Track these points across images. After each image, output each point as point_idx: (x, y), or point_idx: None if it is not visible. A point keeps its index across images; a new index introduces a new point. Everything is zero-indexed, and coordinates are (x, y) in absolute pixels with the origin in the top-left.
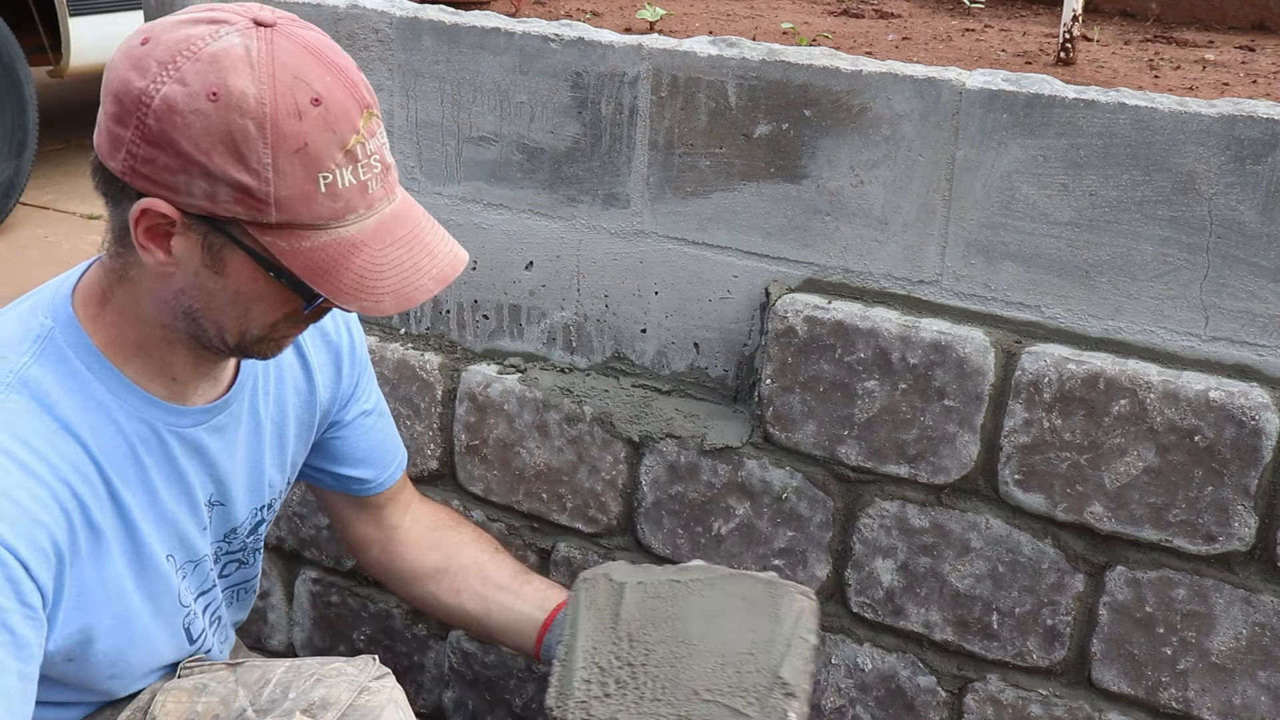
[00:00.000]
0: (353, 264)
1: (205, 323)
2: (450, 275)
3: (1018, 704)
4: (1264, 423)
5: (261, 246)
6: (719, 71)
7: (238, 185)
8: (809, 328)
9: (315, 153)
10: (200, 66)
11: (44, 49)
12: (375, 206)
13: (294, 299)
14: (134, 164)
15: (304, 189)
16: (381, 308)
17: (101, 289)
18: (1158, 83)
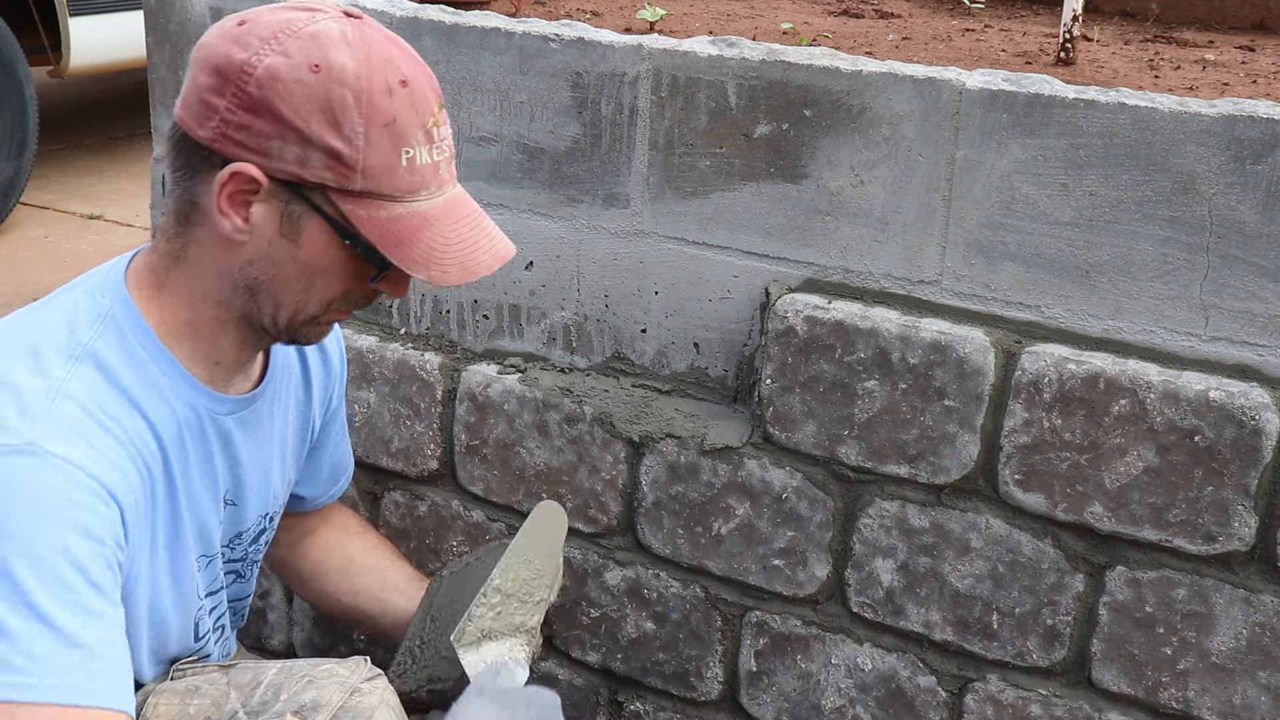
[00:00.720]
0: (424, 236)
1: (264, 298)
2: (506, 256)
3: (1018, 704)
4: (1264, 423)
5: (341, 214)
6: (719, 71)
7: (330, 151)
8: (809, 328)
9: (401, 129)
10: (302, 43)
11: (44, 49)
12: (444, 187)
13: (360, 272)
14: (226, 130)
15: (388, 160)
16: (447, 278)
17: (155, 272)
18: (1158, 83)
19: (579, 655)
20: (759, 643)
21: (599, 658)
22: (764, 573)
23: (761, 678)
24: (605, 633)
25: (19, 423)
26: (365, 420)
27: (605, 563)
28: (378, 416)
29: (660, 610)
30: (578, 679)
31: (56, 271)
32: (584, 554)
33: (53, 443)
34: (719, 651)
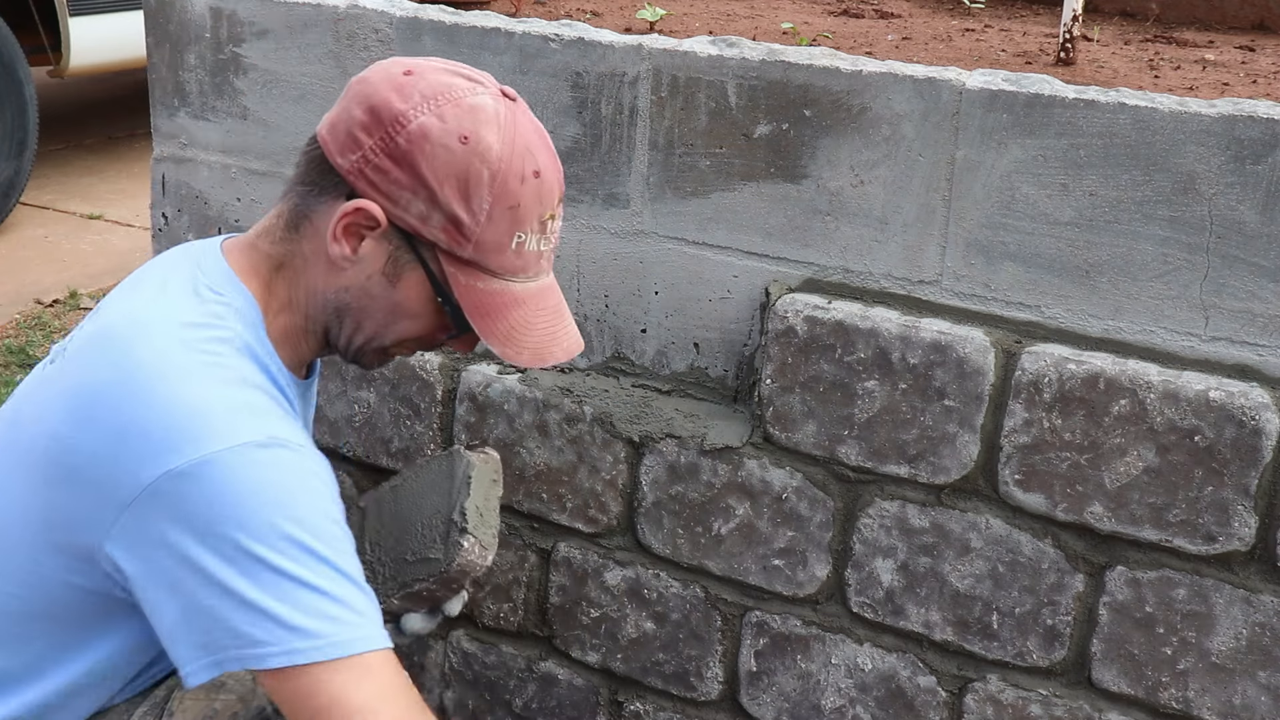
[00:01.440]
0: (510, 315)
1: (348, 322)
2: (575, 351)
3: (1018, 704)
4: (1264, 423)
5: (443, 274)
6: (719, 71)
7: (453, 217)
8: (809, 328)
9: (522, 215)
10: (460, 111)
11: (44, 49)
12: (540, 275)
13: (441, 325)
14: (364, 168)
15: (501, 240)
16: (520, 359)
17: (260, 274)
18: (1158, 83)
19: (579, 655)
20: (759, 643)
21: (599, 658)
22: (764, 573)
23: (761, 678)
24: (605, 633)
25: (248, 418)
26: (365, 420)
27: (605, 563)
28: (378, 416)
29: (660, 610)
30: (578, 679)
31: (56, 271)
32: (584, 554)
33: (283, 432)
34: (719, 651)
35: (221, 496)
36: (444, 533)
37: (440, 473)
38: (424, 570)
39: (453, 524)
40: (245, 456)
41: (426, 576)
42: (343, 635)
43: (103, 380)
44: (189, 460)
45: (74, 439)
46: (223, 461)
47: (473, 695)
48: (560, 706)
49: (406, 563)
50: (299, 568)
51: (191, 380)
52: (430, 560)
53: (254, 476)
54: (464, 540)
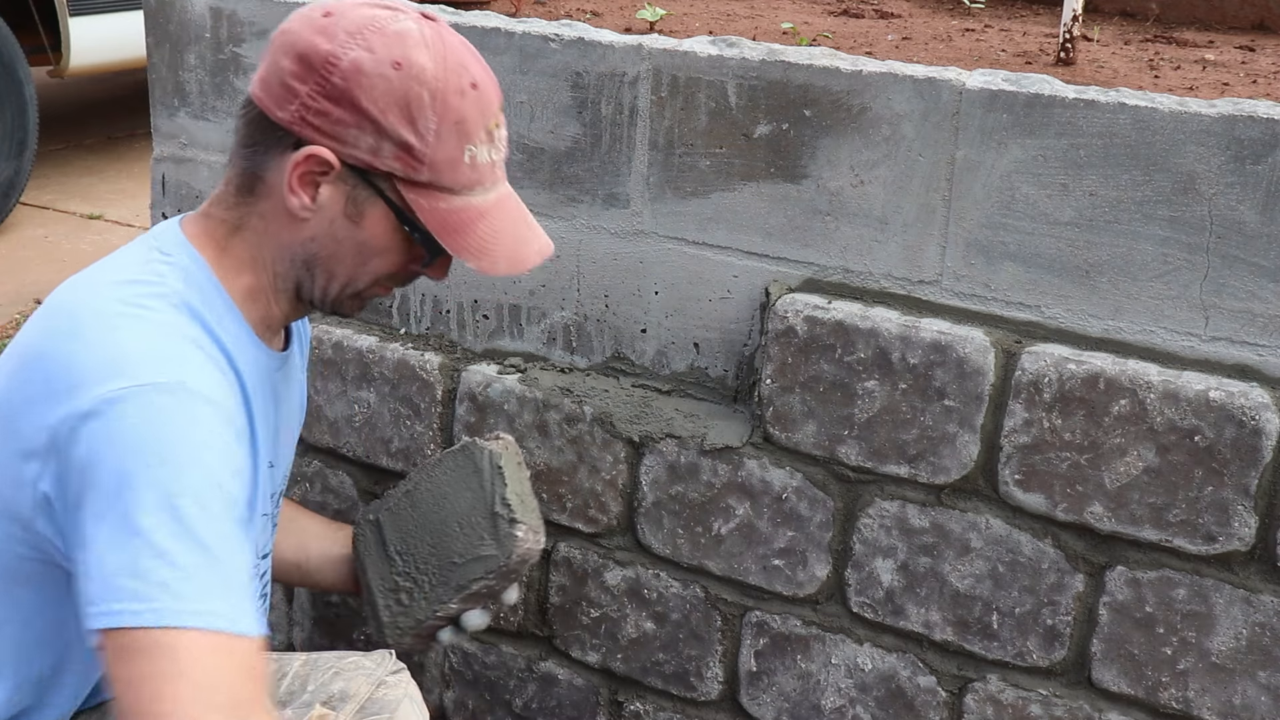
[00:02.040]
0: (478, 228)
1: (319, 272)
2: (548, 252)
3: (1018, 704)
4: (1264, 423)
5: (404, 202)
6: (719, 71)
7: (402, 143)
8: (809, 328)
9: (469, 128)
10: (387, 40)
11: (44, 49)
12: (498, 185)
13: (413, 255)
14: (306, 114)
15: (453, 156)
16: (497, 268)
17: (214, 237)
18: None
19: (579, 655)
20: (759, 643)
21: (599, 658)
22: (764, 573)
23: (761, 678)
24: (605, 633)
25: (157, 361)
26: (365, 420)
27: (605, 563)
28: (378, 416)
29: (660, 610)
30: (578, 679)
31: (56, 271)
32: (584, 554)
33: (196, 381)
34: (719, 651)
35: (109, 438)
36: (490, 527)
37: (460, 469)
38: (480, 568)
39: (498, 516)
40: (143, 398)
41: (485, 574)
42: (163, 605)
43: (35, 337)
44: (93, 399)
45: (8, 395)
46: (120, 400)
47: (473, 695)
48: (560, 706)
49: (456, 565)
50: (151, 524)
51: (113, 327)
52: (485, 557)
53: (143, 420)
54: (516, 530)
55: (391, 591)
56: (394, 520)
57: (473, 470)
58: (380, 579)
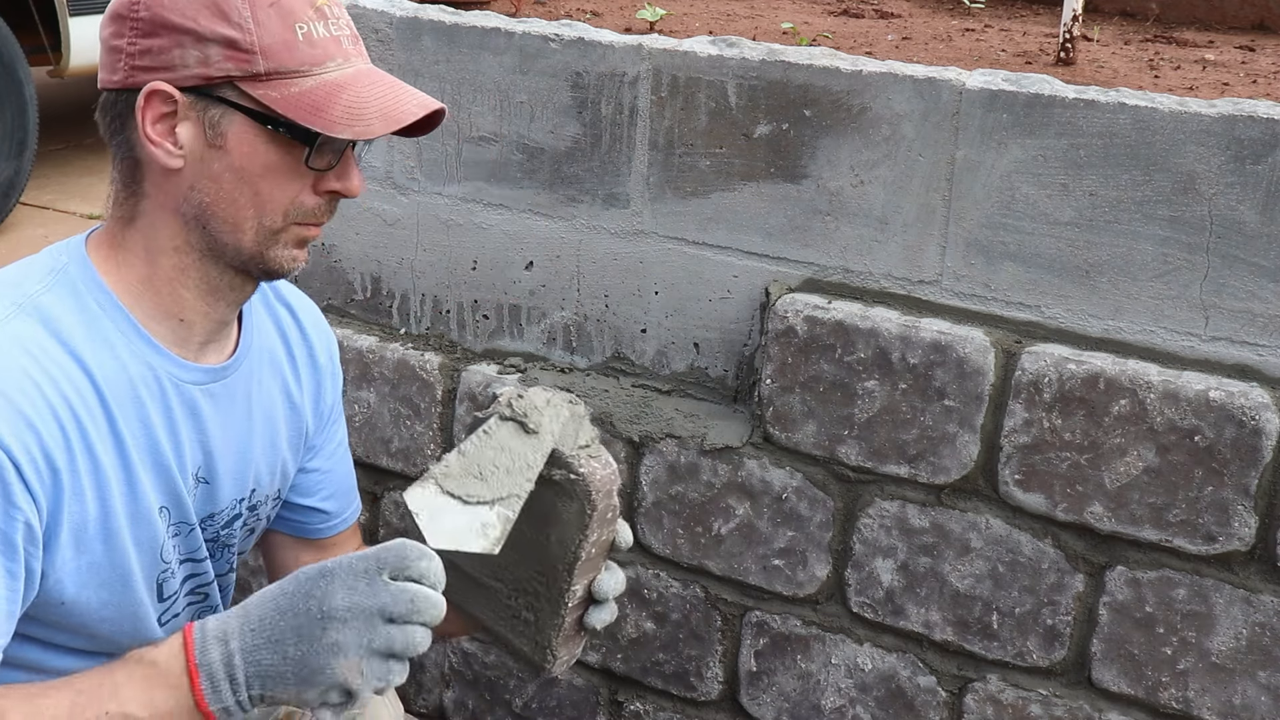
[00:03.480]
0: (339, 99)
1: (217, 224)
2: (431, 105)
3: (1018, 704)
4: (1264, 423)
5: (255, 101)
6: (719, 71)
7: (225, 40)
8: (809, 328)
9: (288, 6)
10: None
11: (44, 49)
12: (352, 60)
13: (295, 165)
14: (133, 63)
15: (284, 37)
16: (371, 129)
17: (111, 234)
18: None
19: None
20: (759, 643)
21: (599, 658)
22: (764, 573)
23: (761, 678)
24: (605, 633)
25: None
26: (365, 420)
27: (605, 563)
28: (378, 416)
29: (660, 610)
30: (578, 679)
31: None
32: None
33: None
34: (719, 651)
35: None
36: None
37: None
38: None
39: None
40: None
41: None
42: None
43: None
44: None
45: None
46: None
47: (473, 695)
48: (560, 706)
49: (548, 545)
50: None
51: None
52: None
53: None
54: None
55: (514, 618)
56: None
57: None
58: (495, 614)
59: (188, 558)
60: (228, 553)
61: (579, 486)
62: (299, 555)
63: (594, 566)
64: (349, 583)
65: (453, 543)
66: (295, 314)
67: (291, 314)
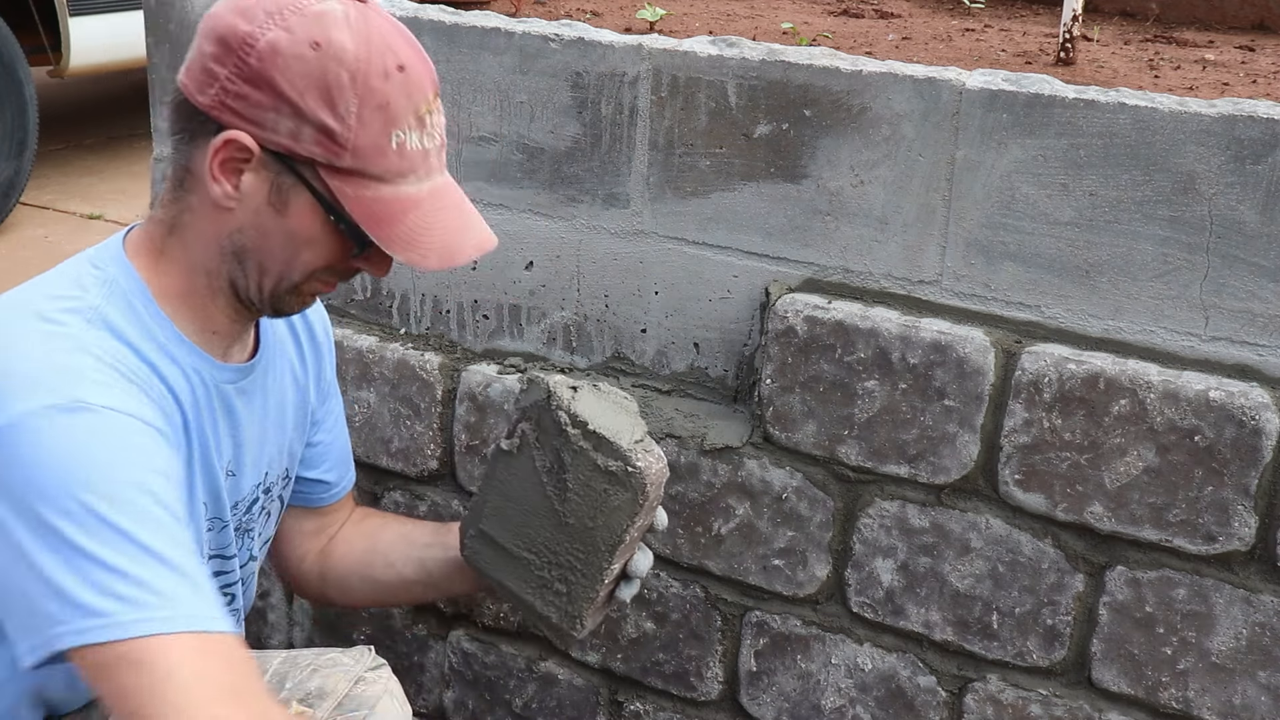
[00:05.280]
0: (407, 218)
1: (250, 265)
2: (487, 246)
3: (1018, 704)
4: (1264, 423)
5: (328, 189)
6: (719, 71)
7: (323, 127)
8: (809, 328)
9: (394, 112)
10: (306, 20)
11: (44, 49)
12: (432, 174)
13: (344, 246)
14: (225, 98)
15: (378, 142)
16: (427, 262)
17: (153, 241)
18: (1158, 83)
19: (579, 655)
20: (759, 643)
21: (599, 658)
22: (764, 573)
23: (761, 678)
24: (605, 633)
25: (58, 382)
26: (365, 420)
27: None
28: (378, 416)
29: (660, 610)
30: (578, 679)
31: None
32: None
33: (98, 396)
34: (719, 651)
35: (20, 463)
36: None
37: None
38: (622, 518)
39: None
40: (47, 420)
41: (630, 519)
42: (132, 615)
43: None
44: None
45: None
46: (23, 425)
47: (473, 695)
48: (560, 706)
49: (593, 529)
50: (92, 541)
51: (16, 345)
52: (618, 507)
53: (53, 441)
54: (637, 464)
55: (544, 588)
56: (500, 524)
57: (556, 432)
58: (524, 583)
59: (216, 553)
60: (249, 539)
61: (635, 479)
62: (300, 523)
63: (631, 547)
64: None
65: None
66: None
67: None
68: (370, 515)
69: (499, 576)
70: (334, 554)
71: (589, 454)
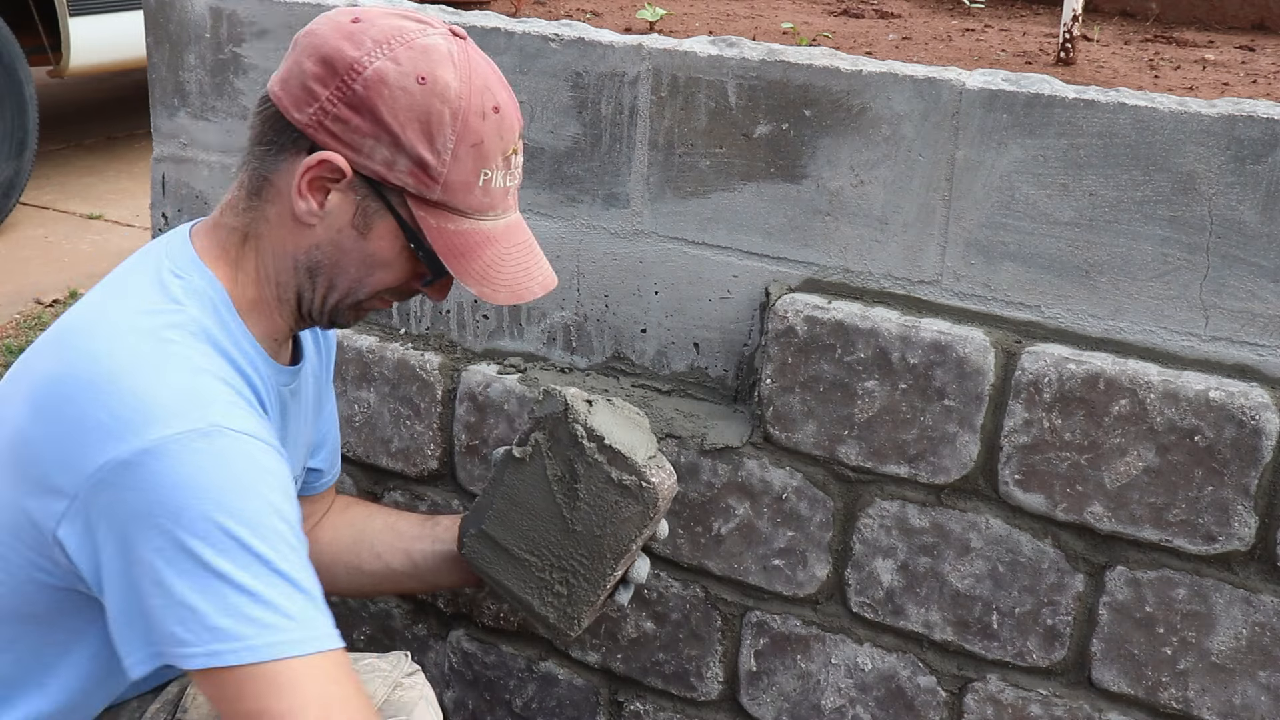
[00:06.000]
0: (484, 253)
1: (321, 280)
2: (550, 285)
3: (1018, 704)
4: (1264, 423)
5: (413, 219)
6: (719, 71)
7: (418, 160)
8: (809, 328)
9: (486, 151)
10: (413, 53)
11: (44, 49)
12: (509, 212)
13: (418, 272)
14: (324, 119)
15: (468, 179)
16: (498, 297)
17: (226, 249)
18: (1158, 83)
19: (579, 655)
20: (759, 643)
21: (599, 658)
22: (764, 573)
23: (761, 678)
24: (605, 633)
25: (190, 406)
26: (365, 420)
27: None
28: (378, 416)
29: (660, 610)
30: (578, 679)
31: (56, 271)
32: None
33: (230, 419)
34: (719, 651)
35: (160, 486)
36: (620, 491)
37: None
38: (631, 529)
39: (622, 484)
40: (186, 445)
41: (638, 531)
42: (265, 639)
43: (58, 373)
44: (131, 449)
45: (30, 431)
46: (163, 450)
47: (473, 695)
48: (560, 706)
49: (601, 537)
50: (228, 564)
51: (139, 368)
52: (629, 519)
53: (192, 466)
54: (650, 479)
55: (544, 589)
56: (504, 526)
57: (571, 444)
58: (523, 583)
59: None
60: None
61: (648, 494)
62: None
63: (634, 555)
64: None
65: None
66: None
67: None
68: (354, 504)
69: (497, 575)
70: (320, 541)
71: (603, 467)
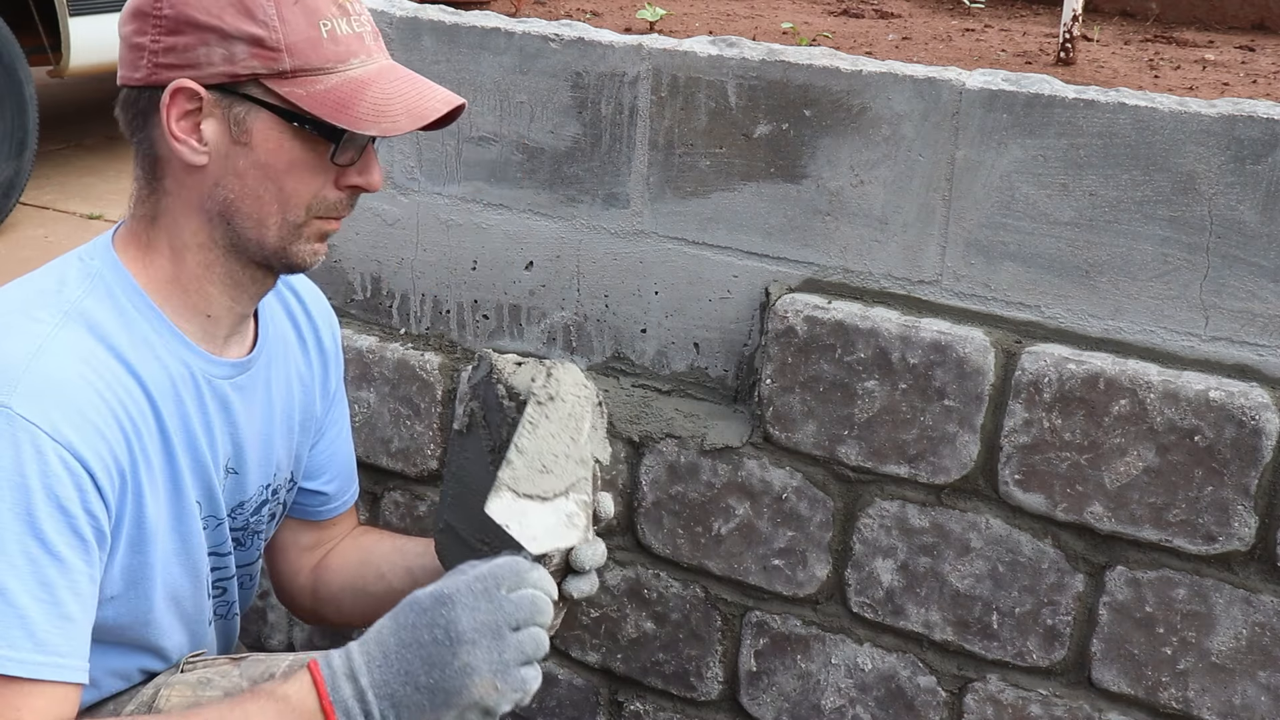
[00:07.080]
0: (365, 96)
1: (241, 219)
2: (454, 101)
3: (1018, 704)
4: (1264, 423)
5: (281, 99)
6: (719, 71)
7: (251, 38)
8: (809, 328)
9: (312, 3)
10: None
11: (44, 49)
12: (375, 57)
13: (320, 161)
14: (156, 60)
15: (309, 34)
16: (398, 126)
17: (137, 234)
18: (1158, 83)
19: (579, 655)
20: (759, 643)
21: (599, 658)
22: (764, 573)
23: (761, 678)
24: (605, 633)
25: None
26: (365, 420)
27: (605, 563)
28: (378, 416)
29: (660, 610)
30: (578, 679)
31: None
32: None
33: (26, 405)
34: (719, 651)
35: None
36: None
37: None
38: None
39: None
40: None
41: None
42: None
43: None
44: None
45: None
46: None
47: None
48: (560, 706)
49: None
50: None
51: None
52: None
53: None
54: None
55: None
56: (459, 513)
57: (497, 408)
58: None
59: (213, 551)
60: (257, 540)
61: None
62: (297, 537)
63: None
64: (470, 604)
65: (551, 543)
66: (301, 298)
67: (298, 299)
68: (369, 532)
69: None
70: (329, 568)
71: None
